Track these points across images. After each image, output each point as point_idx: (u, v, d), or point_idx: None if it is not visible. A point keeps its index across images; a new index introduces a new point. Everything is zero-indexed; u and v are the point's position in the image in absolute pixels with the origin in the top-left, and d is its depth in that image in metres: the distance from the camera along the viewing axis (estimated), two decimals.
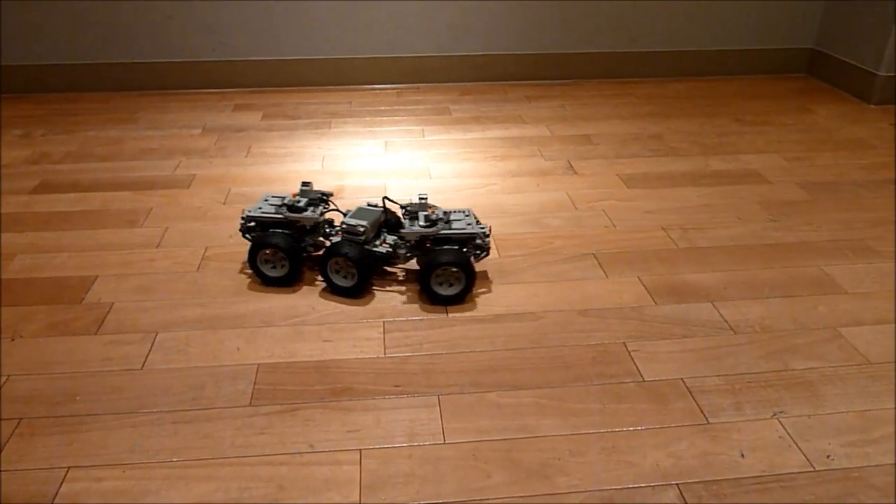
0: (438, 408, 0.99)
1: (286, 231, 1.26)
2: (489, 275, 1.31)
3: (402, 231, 1.24)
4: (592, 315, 1.19)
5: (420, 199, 1.30)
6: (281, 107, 2.23)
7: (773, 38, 2.51)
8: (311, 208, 1.29)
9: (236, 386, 1.03)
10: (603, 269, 1.33)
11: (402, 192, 1.63)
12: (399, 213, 1.31)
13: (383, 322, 1.17)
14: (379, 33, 2.35)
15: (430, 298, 1.23)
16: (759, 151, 1.88)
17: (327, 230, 1.31)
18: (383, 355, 1.09)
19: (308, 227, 1.28)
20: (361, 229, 1.22)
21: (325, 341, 1.12)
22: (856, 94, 2.32)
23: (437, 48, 2.40)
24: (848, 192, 1.65)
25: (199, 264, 1.34)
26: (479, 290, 1.26)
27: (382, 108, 2.22)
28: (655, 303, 1.23)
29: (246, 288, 1.26)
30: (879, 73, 2.21)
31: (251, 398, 1.00)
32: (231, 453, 0.91)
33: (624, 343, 1.12)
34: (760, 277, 1.31)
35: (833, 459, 0.91)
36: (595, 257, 1.37)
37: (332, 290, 1.25)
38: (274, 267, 1.26)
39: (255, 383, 1.03)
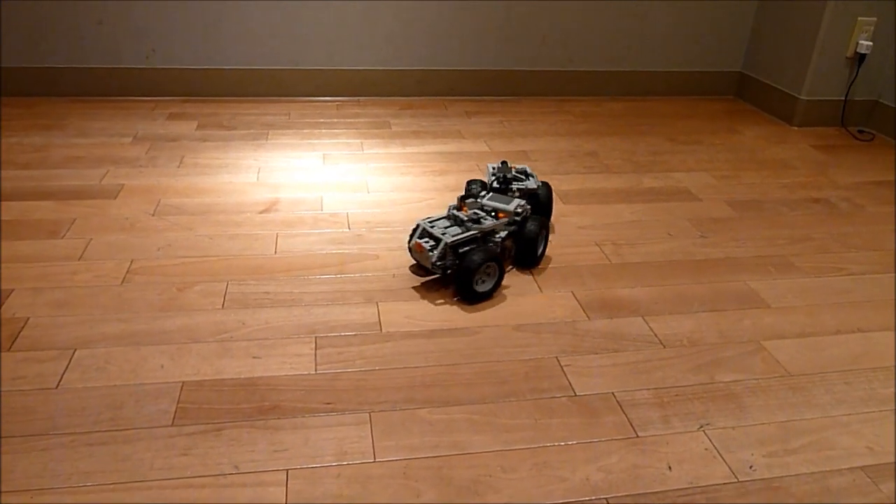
0: (369, 425, 0.97)
1: (480, 245, 1.29)
2: (426, 289, 1.30)
3: (529, 189, 1.46)
4: (527, 330, 1.20)
5: (503, 165, 1.50)
6: (217, 116, 2.18)
7: (703, 61, 2.60)
8: (483, 216, 1.33)
9: (158, 405, 0.98)
10: (538, 284, 1.34)
11: (340, 206, 1.61)
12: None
13: (315, 337, 1.15)
14: (320, 45, 2.33)
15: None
16: (690, 170, 1.94)
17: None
18: (314, 372, 1.07)
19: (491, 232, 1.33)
20: (525, 203, 1.36)
21: (253, 358, 1.09)
22: (779, 116, 2.42)
23: (378, 62, 2.39)
24: (771, 210, 1.71)
25: (124, 278, 1.29)
26: (415, 305, 1.25)
27: (322, 120, 2.20)
28: (588, 317, 1.24)
29: (172, 303, 1.22)
30: (801, 97, 2.31)
31: (174, 418, 0.96)
32: (150, 476, 0.87)
33: (557, 358, 1.13)
34: (689, 292, 1.34)
35: (755, 470, 0.93)
36: (530, 272, 1.38)
37: (529, 265, 1.37)
38: (483, 282, 1.26)
39: (178, 402, 0.99)
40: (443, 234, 1.25)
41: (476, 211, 1.32)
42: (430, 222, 1.30)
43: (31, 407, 0.97)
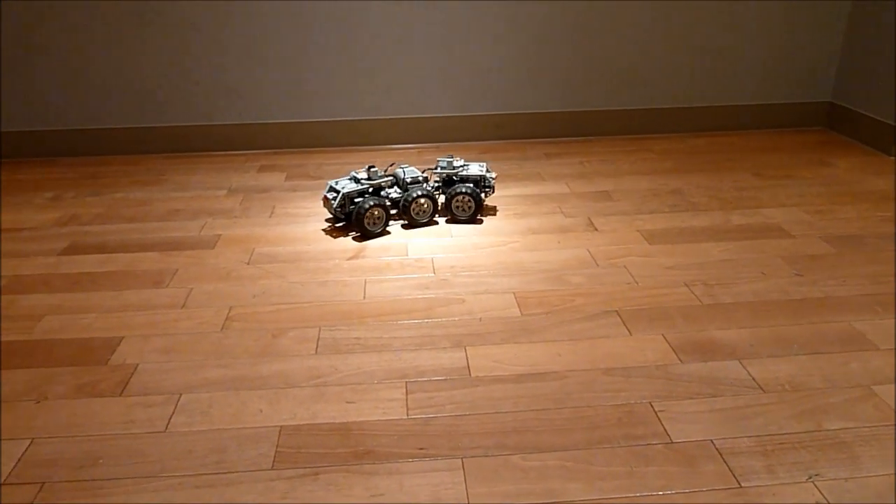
0: (462, 471, 0.97)
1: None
2: (512, 333, 1.30)
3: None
4: (617, 374, 1.18)
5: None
6: (304, 167, 2.28)
7: (789, 92, 2.53)
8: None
9: (258, 449, 1.02)
10: (626, 327, 1.31)
11: (425, 252, 1.64)
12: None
13: (406, 382, 1.16)
14: (399, 95, 2.41)
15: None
16: (780, 205, 1.88)
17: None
18: (406, 417, 1.08)
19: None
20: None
21: (347, 402, 1.12)
22: (875, 146, 2.32)
23: (457, 108, 2.45)
24: (873, 246, 1.63)
25: (223, 325, 1.35)
26: (502, 349, 1.25)
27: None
28: (681, 361, 1.21)
29: (268, 349, 1.27)
30: None
31: (273, 461, 0.99)
32: None
33: (650, 403, 1.10)
34: (788, 334, 1.29)
35: None
36: (618, 314, 1.36)
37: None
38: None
39: (277, 446, 1.02)
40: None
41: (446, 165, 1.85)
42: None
43: (143, 449, 1.02)
